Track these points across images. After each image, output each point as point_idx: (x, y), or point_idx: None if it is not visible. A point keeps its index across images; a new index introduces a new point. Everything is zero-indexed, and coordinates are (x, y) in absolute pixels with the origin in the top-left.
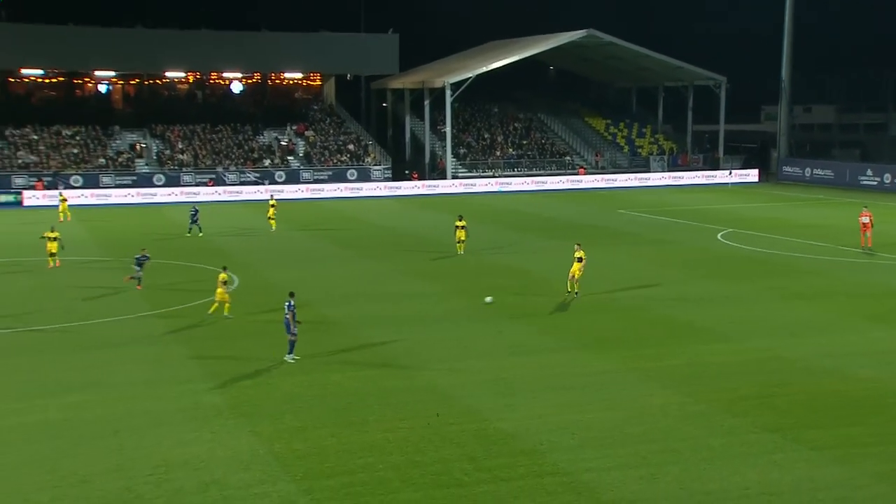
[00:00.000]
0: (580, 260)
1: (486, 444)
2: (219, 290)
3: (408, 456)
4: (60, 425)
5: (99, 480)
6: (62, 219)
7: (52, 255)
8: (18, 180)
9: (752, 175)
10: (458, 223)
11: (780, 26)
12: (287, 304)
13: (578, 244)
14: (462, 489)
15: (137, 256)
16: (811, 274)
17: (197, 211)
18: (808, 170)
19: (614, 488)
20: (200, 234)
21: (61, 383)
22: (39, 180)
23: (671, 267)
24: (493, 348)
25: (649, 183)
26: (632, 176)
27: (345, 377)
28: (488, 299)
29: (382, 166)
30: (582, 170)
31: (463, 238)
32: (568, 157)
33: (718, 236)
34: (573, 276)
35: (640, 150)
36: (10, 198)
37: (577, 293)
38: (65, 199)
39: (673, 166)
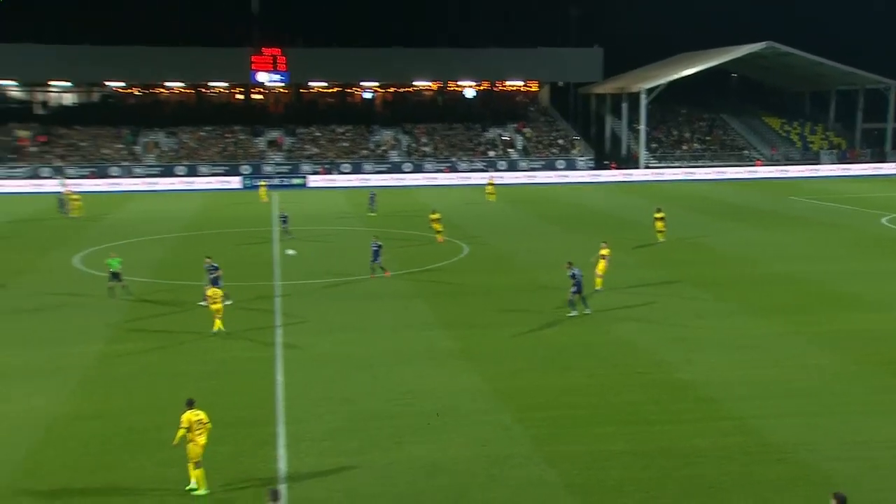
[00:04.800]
0: (604, 258)
1: (669, 391)
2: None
3: (603, 398)
4: (328, 357)
5: (360, 401)
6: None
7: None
8: (305, 167)
9: None
10: (657, 215)
11: None
12: (573, 273)
13: (605, 242)
14: (649, 426)
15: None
16: None
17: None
18: None
19: (777, 432)
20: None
21: (331, 325)
22: (322, 167)
23: (838, 247)
24: (678, 311)
25: (819, 173)
26: (803, 167)
27: (554, 331)
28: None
29: (586, 157)
30: (759, 161)
31: (662, 228)
32: (746, 151)
33: (883, 220)
34: (601, 273)
35: (811, 146)
36: (299, 181)
37: (600, 288)
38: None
39: (842, 159)
